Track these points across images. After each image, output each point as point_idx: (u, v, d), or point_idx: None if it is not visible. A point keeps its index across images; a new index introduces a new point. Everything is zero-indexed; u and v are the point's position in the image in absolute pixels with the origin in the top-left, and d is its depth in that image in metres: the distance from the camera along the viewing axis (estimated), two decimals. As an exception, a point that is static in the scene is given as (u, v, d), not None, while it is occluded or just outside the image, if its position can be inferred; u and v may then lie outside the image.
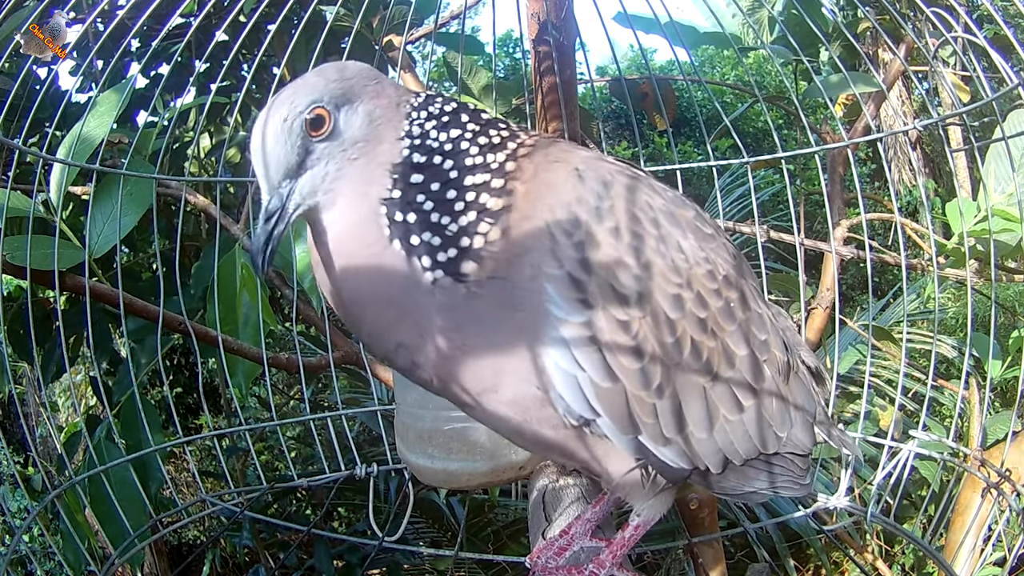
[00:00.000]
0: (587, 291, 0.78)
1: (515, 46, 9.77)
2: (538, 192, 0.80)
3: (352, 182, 0.80)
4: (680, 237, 0.84)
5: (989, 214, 1.63)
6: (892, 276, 5.82)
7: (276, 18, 1.84)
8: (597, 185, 0.82)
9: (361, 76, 0.83)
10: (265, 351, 1.81)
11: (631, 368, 0.80)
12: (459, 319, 0.79)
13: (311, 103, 0.79)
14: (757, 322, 0.89)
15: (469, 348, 0.80)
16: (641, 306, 0.79)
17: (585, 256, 0.78)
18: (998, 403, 3.79)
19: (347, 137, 0.80)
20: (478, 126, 0.83)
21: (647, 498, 0.92)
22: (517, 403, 0.82)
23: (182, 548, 4.31)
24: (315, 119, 0.79)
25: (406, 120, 0.82)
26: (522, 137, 0.85)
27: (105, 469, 1.62)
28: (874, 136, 1.58)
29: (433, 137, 0.80)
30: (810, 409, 0.97)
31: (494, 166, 0.80)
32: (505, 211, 0.79)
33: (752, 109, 7.28)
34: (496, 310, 0.79)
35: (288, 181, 0.80)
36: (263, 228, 0.81)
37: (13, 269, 1.62)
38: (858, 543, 2.83)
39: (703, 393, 0.84)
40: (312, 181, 0.80)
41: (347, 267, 0.80)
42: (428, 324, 0.79)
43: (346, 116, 0.80)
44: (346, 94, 0.81)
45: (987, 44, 1.30)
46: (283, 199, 0.80)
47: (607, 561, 0.97)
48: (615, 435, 0.82)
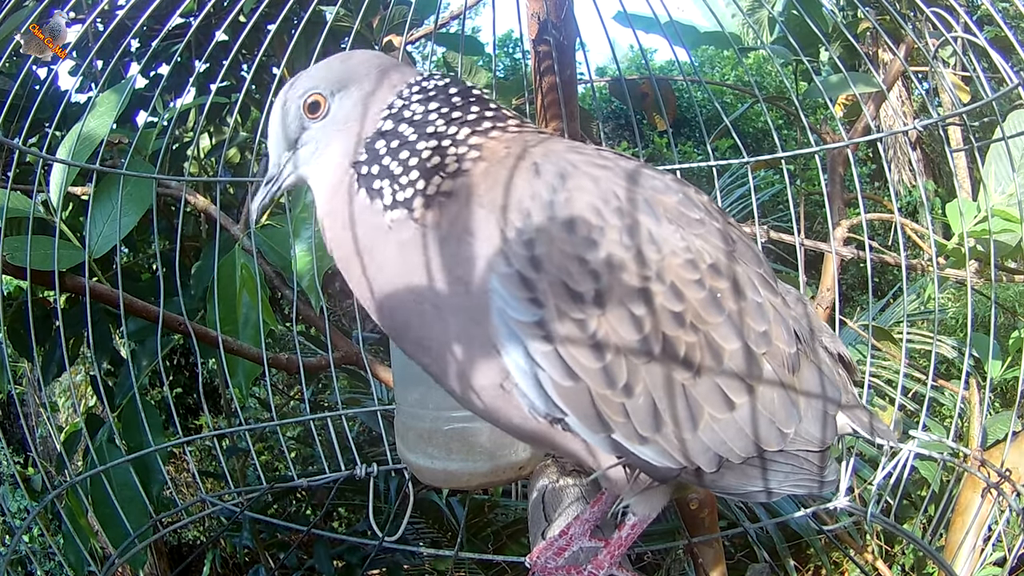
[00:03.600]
0: (537, 290, 0.76)
1: (515, 46, 9.78)
2: (496, 182, 0.81)
3: (333, 154, 0.90)
4: (653, 226, 0.80)
5: (989, 214, 1.63)
6: (892, 276, 5.83)
7: (276, 18, 1.84)
8: (553, 178, 0.80)
9: (363, 63, 0.92)
10: (265, 351, 1.81)
11: (592, 367, 0.77)
12: (412, 258, 0.82)
13: (308, 90, 0.91)
14: (754, 312, 0.84)
15: (425, 304, 0.81)
16: (600, 303, 0.77)
17: (535, 254, 0.76)
18: (998, 403, 3.79)
19: (337, 118, 0.91)
20: (462, 100, 0.88)
21: (636, 494, 0.91)
22: (486, 393, 0.82)
23: (182, 548, 4.31)
24: (312, 104, 0.91)
25: (394, 96, 0.89)
26: (508, 123, 0.88)
27: (106, 469, 1.62)
28: (874, 136, 1.58)
29: (411, 110, 0.87)
30: (832, 398, 0.92)
31: (459, 136, 0.85)
32: (460, 174, 0.83)
33: (752, 109, 7.28)
34: (442, 270, 0.81)
35: (287, 154, 0.94)
36: (263, 188, 0.97)
37: (13, 269, 1.62)
38: (858, 543, 2.84)
39: (683, 390, 0.80)
40: (304, 154, 0.93)
41: (330, 223, 0.90)
42: (389, 265, 0.84)
43: (340, 100, 0.91)
44: (342, 80, 0.91)
45: (987, 44, 1.30)
46: (280, 167, 0.95)
47: (605, 561, 0.96)
48: (585, 433, 0.81)
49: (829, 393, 0.93)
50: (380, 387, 2.47)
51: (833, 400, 0.93)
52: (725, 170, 3.69)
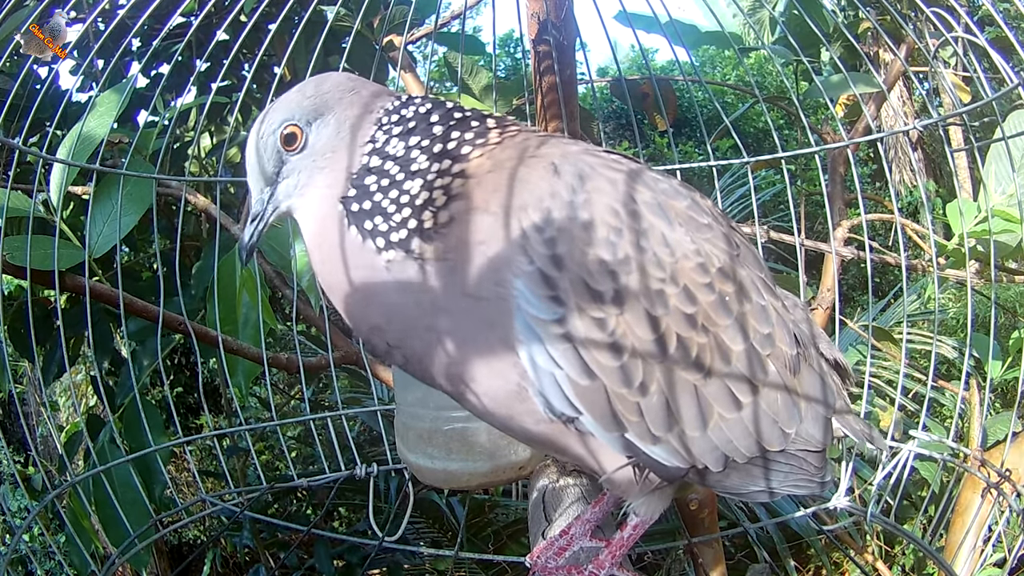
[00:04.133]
0: (559, 288, 0.77)
1: (516, 46, 9.78)
2: (497, 187, 0.81)
3: (318, 187, 0.88)
4: (666, 229, 0.82)
5: (989, 215, 1.63)
6: (893, 277, 5.82)
7: (276, 18, 1.84)
8: (572, 179, 0.81)
9: (337, 88, 0.89)
10: (265, 351, 1.82)
11: (610, 366, 0.79)
12: (415, 296, 0.81)
13: (283, 121, 0.88)
14: (759, 315, 0.87)
15: (432, 330, 0.81)
16: (618, 303, 0.78)
17: (556, 252, 0.77)
18: (998, 404, 3.79)
19: (317, 149, 0.88)
20: (443, 128, 0.85)
21: (642, 496, 0.91)
22: (494, 396, 0.82)
23: (182, 548, 4.31)
24: (288, 135, 0.88)
25: (375, 126, 0.86)
26: (489, 136, 0.86)
27: (106, 469, 1.62)
28: (874, 136, 1.58)
29: (393, 144, 0.85)
30: (829, 403, 0.94)
31: (443, 167, 0.83)
32: (455, 199, 0.82)
33: (753, 109, 7.27)
34: (452, 293, 0.80)
35: (268, 188, 0.92)
36: (248, 227, 0.94)
37: (13, 269, 1.62)
38: (858, 544, 2.83)
39: (694, 390, 0.82)
40: (286, 188, 0.90)
41: (320, 259, 0.88)
42: (389, 304, 0.83)
43: (317, 130, 0.88)
44: (318, 108, 0.88)
45: (987, 45, 1.30)
46: (263, 204, 0.92)
47: (606, 561, 0.96)
48: (599, 432, 0.81)
49: (828, 396, 0.95)
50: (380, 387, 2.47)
51: (831, 403, 0.95)
52: (726, 170, 3.70)
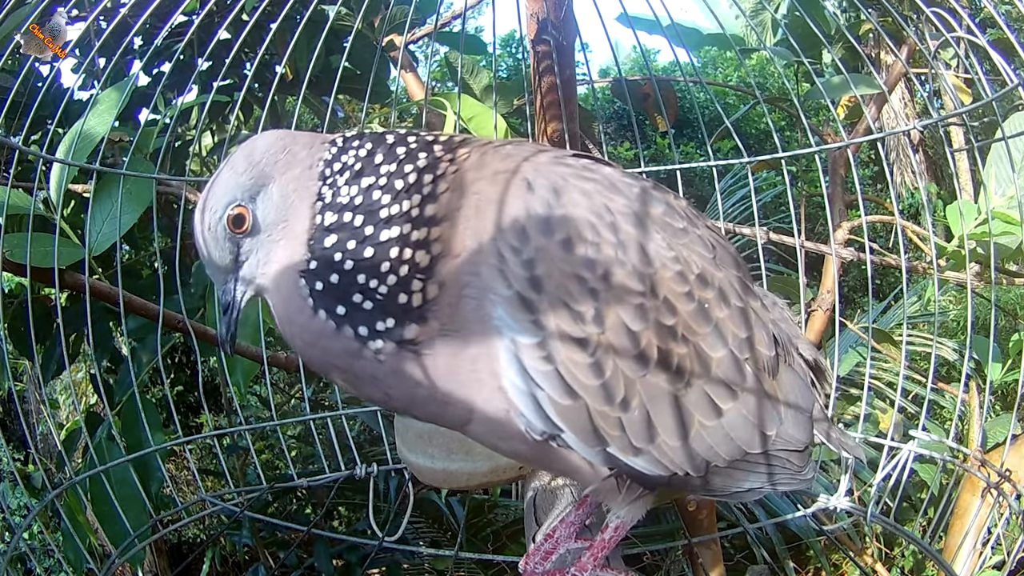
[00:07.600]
0: (538, 310, 0.75)
1: (518, 46, 9.77)
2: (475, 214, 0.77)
3: (278, 263, 0.83)
4: (643, 239, 0.80)
5: (989, 217, 1.63)
6: (893, 278, 5.82)
7: (278, 17, 1.84)
8: (547, 193, 0.78)
9: (269, 153, 0.83)
10: (265, 350, 1.81)
11: (591, 385, 0.77)
12: (415, 378, 0.79)
13: (226, 205, 0.83)
14: (737, 319, 0.85)
15: (431, 392, 0.80)
16: (598, 321, 0.77)
17: (535, 274, 0.75)
18: (998, 406, 3.79)
19: (268, 223, 0.83)
20: (393, 165, 0.79)
21: (625, 503, 0.91)
22: (487, 423, 0.82)
23: (182, 547, 4.31)
24: (236, 217, 0.83)
25: (319, 181, 0.81)
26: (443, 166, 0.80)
27: (106, 468, 1.62)
28: (875, 136, 1.58)
29: (344, 193, 0.79)
30: (806, 404, 0.94)
31: (414, 213, 0.77)
32: (439, 258, 0.76)
33: (754, 111, 7.26)
34: (452, 359, 0.78)
35: (230, 276, 0.87)
36: (222, 320, 0.90)
37: (13, 267, 1.62)
38: (857, 545, 2.83)
39: (675, 401, 0.81)
40: (249, 271, 0.86)
41: (294, 341, 0.85)
42: (383, 385, 0.81)
43: (263, 204, 0.83)
44: (257, 181, 0.82)
45: (988, 46, 1.30)
46: (231, 294, 0.88)
47: (588, 563, 0.95)
48: (581, 448, 0.81)
49: (807, 396, 0.95)
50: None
51: (808, 405, 0.95)
52: (727, 171, 3.70)
